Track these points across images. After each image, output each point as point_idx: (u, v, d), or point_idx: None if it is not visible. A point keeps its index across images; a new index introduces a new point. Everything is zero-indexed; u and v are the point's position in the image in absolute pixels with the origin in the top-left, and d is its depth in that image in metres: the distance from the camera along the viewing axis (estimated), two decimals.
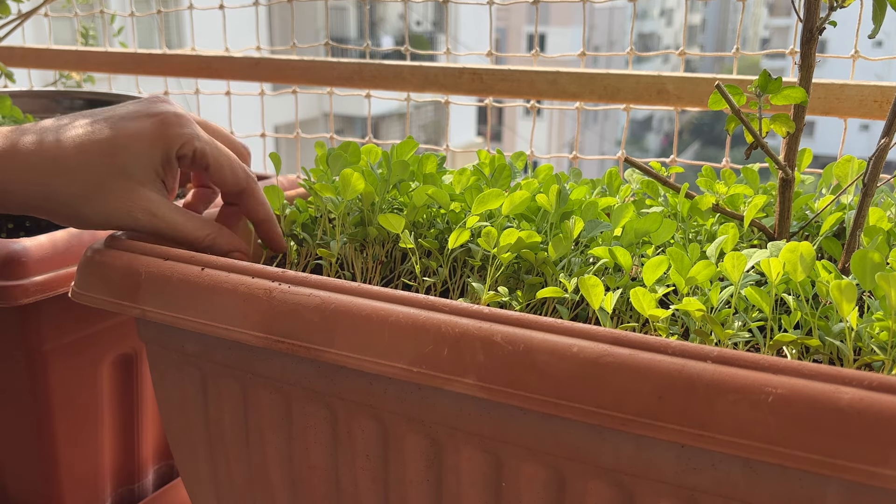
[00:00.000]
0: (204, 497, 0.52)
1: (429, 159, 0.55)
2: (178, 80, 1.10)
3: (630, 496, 0.35)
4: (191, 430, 0.49)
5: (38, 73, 1.19)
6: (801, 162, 0.53)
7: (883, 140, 0.43)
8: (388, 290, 0.39)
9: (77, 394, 0.61)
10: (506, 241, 0.43)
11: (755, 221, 0.47)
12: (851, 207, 0.50)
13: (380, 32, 10.72)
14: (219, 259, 0.44)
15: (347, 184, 0.48)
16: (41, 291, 0.53)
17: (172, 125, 0.45)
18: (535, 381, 0.34)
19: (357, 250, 0.51)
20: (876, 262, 0.35)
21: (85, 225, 0.45)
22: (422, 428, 0.40)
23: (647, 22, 19.88)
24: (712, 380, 0.31)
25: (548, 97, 0.81)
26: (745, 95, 0.45)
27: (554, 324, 0.35)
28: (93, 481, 0.64)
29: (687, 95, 0.73)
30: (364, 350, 0.37)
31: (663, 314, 0.38)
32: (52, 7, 1.16)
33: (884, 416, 0.28)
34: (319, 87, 0.98)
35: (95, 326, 0.60)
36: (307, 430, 0.44)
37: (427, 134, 9.53)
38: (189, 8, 1.06)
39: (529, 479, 0.37)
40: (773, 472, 0.32)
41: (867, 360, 0.36)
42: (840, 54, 0.73)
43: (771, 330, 0.39)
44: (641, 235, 0.45)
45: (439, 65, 0.87)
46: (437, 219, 0.51)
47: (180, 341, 0.46)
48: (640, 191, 0.53)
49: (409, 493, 0.41)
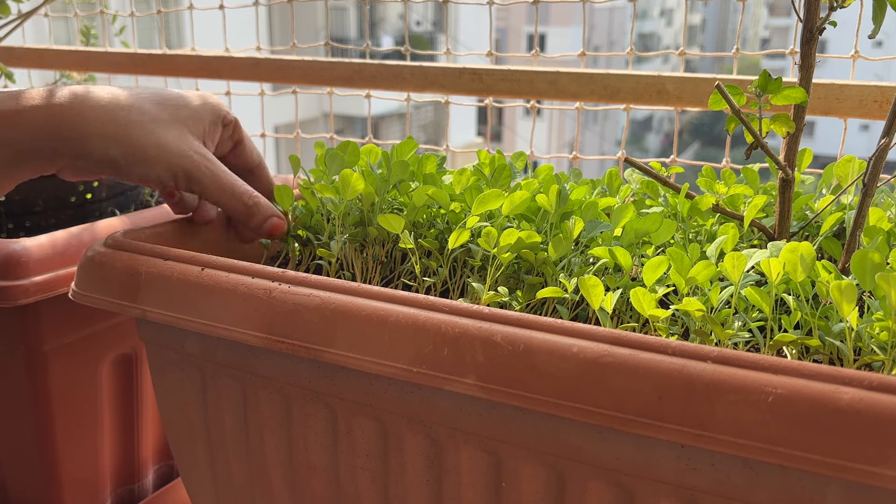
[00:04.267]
0: (204, 497, 0.52)
1: (429, 159, 0.55)
2: (177, 81, 1.10)
3: (630, 496, 0.35)
4: (191, 430, 0.49)
5: (39, 73, 1.19)
6: (801, 162, 0.53)
7: (883, 140, 0.43)
8: (388, 290, 0.39)
9: (77, 394, 0.61)
10: (506, 241, 0.43)
11: (755, 221, 0.47)
12: (851, 207, 0.50)
13: (380, 32, 10.72)
14: (218, 259, 0.44)
15: (347, 184, 0.48)
16: (41, 291, 0.53)
17: (220, 102, 0.53)
18: (535, 382, 0.34)
19: (357, 250, 0.51)
20: (876, 262, 0.35)
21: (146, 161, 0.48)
22: (422, 428, 0.40)
23: (647, 22, 19.88)
24: (712, 380, 0.31)
25: (548, 97, 0.81)
26: (745, 95, 0.45)
27: (554, 324, 0.35)
28: (93, 481, 0.64)
29: (687, 95, 0.73)
30: (364, 350, 0.37)
31: (663, 314, 0.38)
32: (53, 7, 1.16)
33: (884, 416, 0.28)
34: (319, 87, 0.98)
35: (95, 326, 0.60)
36: (307, 430, 0.44)
37: (427, 134, 9.53)
38: (189, 8, 1.06)
39: (529, 478, 0.37)
40: (773, 472, 0.32)
41: (867, 360, 0.36)
42: (840, 54, 0.73)
43: (771, 330, 0.39)
44: (641, 235, 0.45)
45: (439, 65, 0.87)
46: (437, 219, 0.51)
47: (180, 341, 0.46)
48: (640, 191, 0.53)
49: (409, 492, 0.41)
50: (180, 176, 0.48)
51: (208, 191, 0.49)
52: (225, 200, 0.50)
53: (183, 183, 0.49)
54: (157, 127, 0.48)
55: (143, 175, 0.48)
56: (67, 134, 0.46)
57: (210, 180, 0.49)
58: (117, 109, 0.47)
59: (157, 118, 0.48)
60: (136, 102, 0.48)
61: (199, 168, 0.49)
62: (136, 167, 0.47)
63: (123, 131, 0.47)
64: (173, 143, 0.48)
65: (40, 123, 0.45)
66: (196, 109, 0.50)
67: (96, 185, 0.68)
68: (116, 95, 0.48)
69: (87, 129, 0.46)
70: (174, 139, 0.48)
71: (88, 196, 0.68)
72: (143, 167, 0.47)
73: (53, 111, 0.46)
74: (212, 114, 0.51)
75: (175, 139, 0.48)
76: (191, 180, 0.49)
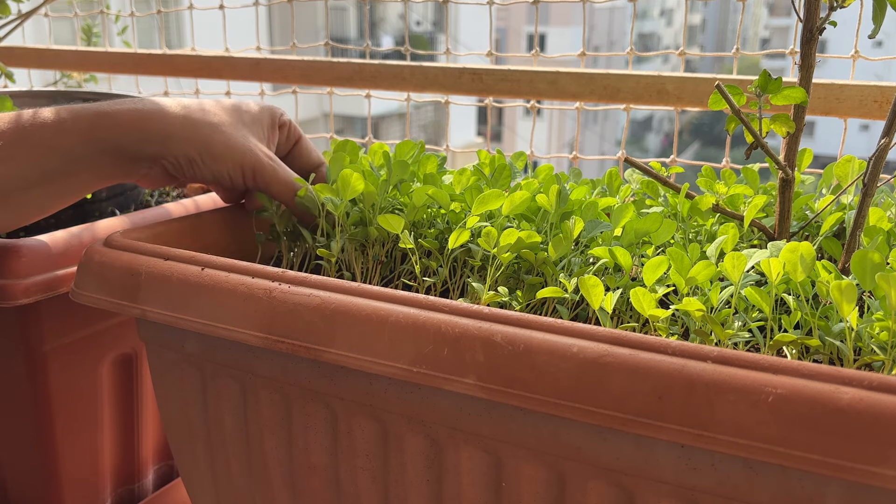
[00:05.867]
0: (204, 497, 0.52)
1: (429, 159, 0.55)
2: (178, 81, 1.10)
3: (630, 496, 0.35)
4: (191, 430, 0.49)
5: (39, 73, 1.19)
6: (801, 162, 0.53)
7: (883, 140, 0.43)
8: (388, 290, 0.39)
9: (77, 393, 0.61)
10: (506, 241, 0.43)
11: (755, 221, 0.47)
12: (851, 207, 0.50)
13: (380, 32, 10.72)
14: (218, 259, 0.44)
15: (347, 184, 0.48)
16: (41, 291, 0.53)
17: (276, 107, 0.58)
18: (535, 382, 0.34)
19: (357, 250, 0.51)
20: (876, 262, 0.35)
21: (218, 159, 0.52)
22: (422, 428, 0.40)
23: (647, 22, 19.87)
24: (712, 380, 0.31)
25: (548, 97, 0.81)
26: (745, 95, 0.45)
27: (554, 324, 0.35)
28: (93, 481, 0.64)
29: (687, 95, 0.73)
30: (364, 350, 0.37)
31: (663, 314, 0.38)
32: (53, 7, 1.16)
33: (884, 416, 0.28)
34: (319, 87, 0.98)
35: (95, 326, 0.60)
36: (307, 430, 0.44)
37: (427, 134, 9.53)
38: (189, 8, 1.06)
39: (529, 479, 0.37)
40: (773, 472, 0.32)
41: (867, 360, 0.36)
42: (840, 54, 0.73)
43: (771, 330, 0.39)
44: (641, 235, 0.45)
45: (439, 65, 0.87)
46: (437, 219, 0.51)
47: (180, 341, 0.46)
48: (640, 191, 0.53)
49: (409, 492, 0.41)
50: (248, 172, 0.53)
51: (271, 186, 0.53)
52: (284, 193, 0.54)
53: (250, 178, 0.53)
54: (225, 129, 0.53)
55: (216, 172, 0.53)
56: (153, 137, 0.51)
57: (273, 177, 0.53)
58: (191, 114, 0.52)
59: (224, 122, 0.53)
60: (205, 108, 0.54)
61: (264, 166, 0.53)
62: (211, 165, 0.52)
63: (199, 133, 0.52)
64: (241, 142, 0.53)
65: (127, 125, 0.50)
66: (256, 114, 0.56)
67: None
68: (187, 105, 0.53)
69: (170, 130, 0.51)
70: (241, 139, 0.53)
71: (88, 196, 0.68)
72: (217, 165, 0.52)
73: (141, 115, 0.51)
74: (269, 117, 0.57)
75: (241, 139, 0.53)
76: (256, 175, 0.53)
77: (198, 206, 0.66)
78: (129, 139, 0.50)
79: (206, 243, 0.54)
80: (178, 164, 0.52)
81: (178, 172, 0.52)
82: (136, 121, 0.50)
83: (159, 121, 0.51)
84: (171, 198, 0.79)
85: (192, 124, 0.52)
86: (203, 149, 0.52)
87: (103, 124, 0.50)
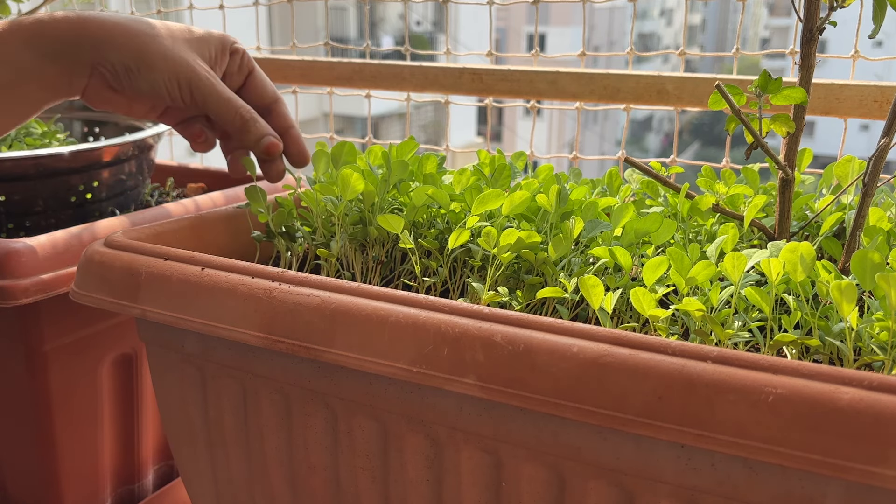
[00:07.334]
0: (204, 497, 0.52)
1: (429, 159, 0.55)
2: None
3: (630, 496, 0.35)
4: (191, 430, 0.49)
5: None
6: (801, 162, 0.53)
7: (883, 140, 0.43)
8: (388, 290, 0.39)
9: (77, 394, 0.61)
10: (506, 241, 0.43)
11: (755, 221, 0.47)
12: (851, 207, 0.50)
13: (380, 32, 10.72)
14: (218, 259, 0.44)
15: (347, 184, 0.48)
16: (41, 291, 0.53)
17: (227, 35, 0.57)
18: (534, 382, 0.34)
19: (357, 250, 0.51)
20: (876, 262, 0.35)
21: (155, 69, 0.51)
22: (422, 428, 0.40)
23: (647, 22, 19.87)
24: (712, 380, 0.31)
25: (548, 97, 0.81)
26: (745, 95, 0.45)
27: (554, 324, 0.35)
28: (93, 481, 0.64)
29: (687, 95, 0.73)
30: (364, 350, 0.37)
31: (663, 314, 0.38)
32: (52, 7, 1.16)
33: (884, 416, 0.28)
34: (319, 87, 0.98)
35: (95, 326, 0.60)
36: (307, 430, 0.44)
37: (427, 134, 9.53)
38: (189, 8, 1.06)
39: (529, 479, 0.37)
40: (773, 472, 0.32)
41: (867, 360, 0.36)
42: (840, 54, 0.73)
43: (771, 330, 0.39)
44: (641, 235, 0.45)
45: (439, 65, 0.87)
46: (437, 219, 0.51)
47: (180, 341, 0.46)
48: (640, 191, 0.53)
49: (408, 492, 0.41)
50: (184, 85, 0.52)
51: (208, 100, 0.52)
52: (223, 111, 0.52)
53: (186, 92, 0.52)
54: (164, 41, 0.52)
55: (153, 82, 0.51)
56: (89, 41, 0.50)
57: (209, 90, 0.52)
58: (130, 23, 0.52)
59: (164, 35, 0.52)
60: (149, 22, 0.53)
61: (200, 78, 0.52)
62: (146, 74, 0.51)
63: (135, 40, 0.51)
64: (179, 56, 0.52)
65: (65, 29, 0.50)
66: (203, 34, 0.55)
67: (96, 184, 0.68)
68: (131, 18, 0.53)
69: (105, 35, 0.50)
70: (180, 52, 0.52)
71: (88, 196, 0.68)
72: (152, 74, 0.51)
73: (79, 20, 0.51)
74: (218, 41, 0.55)
75: (181, 53, 0.52)
76: (193, 89, 0.52)
77: (198, 206, 0.66)
78: (68, 43, 0.50)
79: (206, 243, 0.54)
80: (115, 71, 0.51)
81: (116, 83, 0.51)
82: (73, 25, 0.50)
83: (97, 27, 0.51)
84: (171, 198, 0.79)
85: (129, 31, 0.51)
86: (139, 56, 0.51)
87: (42, 32, 0.50)
